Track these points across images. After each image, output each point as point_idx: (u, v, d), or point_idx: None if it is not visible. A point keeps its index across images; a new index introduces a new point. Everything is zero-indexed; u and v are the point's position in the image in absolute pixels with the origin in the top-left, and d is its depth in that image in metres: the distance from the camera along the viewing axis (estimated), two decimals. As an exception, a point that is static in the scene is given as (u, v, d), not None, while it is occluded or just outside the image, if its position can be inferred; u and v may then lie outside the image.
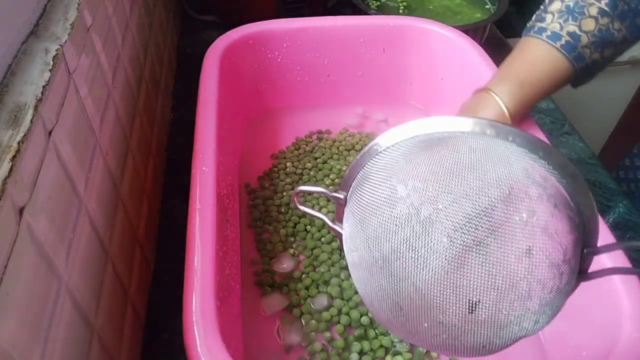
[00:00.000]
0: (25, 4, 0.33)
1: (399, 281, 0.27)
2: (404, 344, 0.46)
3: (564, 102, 0.80)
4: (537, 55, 0.48)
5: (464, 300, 0.27)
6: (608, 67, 0.51)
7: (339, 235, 0.34)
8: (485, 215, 0.26)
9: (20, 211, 0.26)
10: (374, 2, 0.83)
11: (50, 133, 0.30)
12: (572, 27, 0.46)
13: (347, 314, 0.47)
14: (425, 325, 0.28)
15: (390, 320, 0.30)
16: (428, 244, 0.27)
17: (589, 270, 0.30)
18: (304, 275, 0.50)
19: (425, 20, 0.65)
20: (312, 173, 0.61)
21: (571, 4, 0.47)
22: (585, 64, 0.47)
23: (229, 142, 0.57)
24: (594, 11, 0.46)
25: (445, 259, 0.26)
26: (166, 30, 0.76)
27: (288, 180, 0.59)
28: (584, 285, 0.41)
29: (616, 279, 0.38)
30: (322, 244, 0.53)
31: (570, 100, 0.95)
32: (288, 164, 0.61)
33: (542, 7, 0.50)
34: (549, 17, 0.48)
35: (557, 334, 0.44)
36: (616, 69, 1.14)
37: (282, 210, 0.56)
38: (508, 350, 0.46)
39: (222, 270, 0.40)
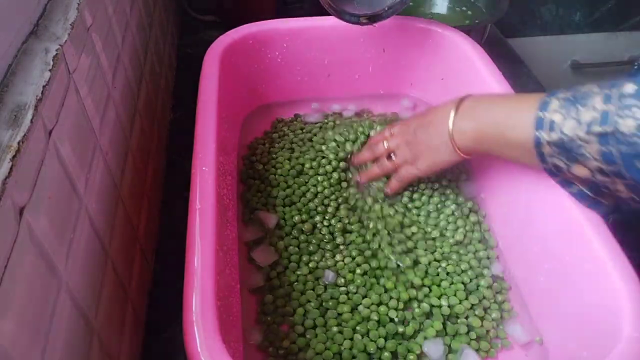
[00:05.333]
0: (25, 4, 0.33)
1: None
2: None
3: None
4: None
5: None
6: (609, 67, 0.50)
7: None
8: None
9: (20, 211, 0.26)
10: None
11: (50, 133, 0.30)
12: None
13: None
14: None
15: None
16: None
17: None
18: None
19: (425, 20, 0.65)
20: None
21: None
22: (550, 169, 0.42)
23: (229, 142, 0.57)
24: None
25: None
26: (166, 30, 0.76)
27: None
28: (584, 285, 0.41)
29: (616, 279, 0.38)
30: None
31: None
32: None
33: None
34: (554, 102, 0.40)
35: (558, 334, 0.44)
36: (616, 69, 1.15)
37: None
38: (509, 351, 0.46)
39: (222, 270, 0.40)
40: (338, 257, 0.51)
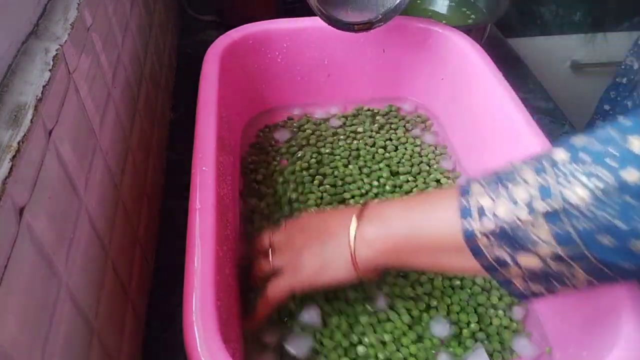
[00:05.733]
0: (25, 3, 0.33)
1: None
2: None
3: (564, 102, 0.80)
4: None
5: None
6: (609, 67, 0.50)
7: None
8: None
9: (20, 211, 0.26)
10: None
11: (50, 133, 0.30)
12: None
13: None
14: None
15: None
16: None
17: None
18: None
19: (425, 20, 0.65)
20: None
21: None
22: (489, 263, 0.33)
23: (229, 142, 0.57)
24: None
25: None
26: (166, 30, 0.76)
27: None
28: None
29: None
30: None
31: (570, 100, 0.95)
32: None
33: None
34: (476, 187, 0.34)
35: (558, 334, 0.44)
36: (616, 69, 1.15)
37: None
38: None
39: (222, 270, 0.40)
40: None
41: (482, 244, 0.32)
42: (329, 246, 0.39)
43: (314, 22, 0.64)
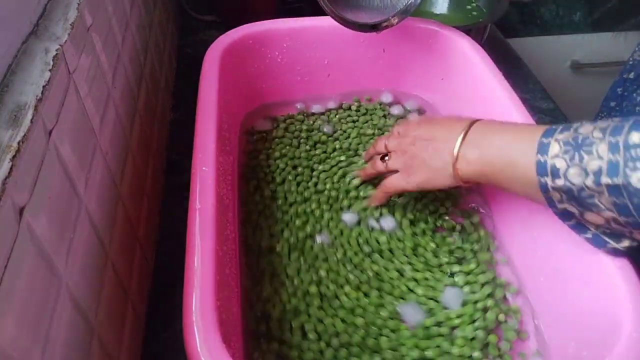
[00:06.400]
0: (25, 3, 0.33)
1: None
2: None
3: (564, 102, 0.80)
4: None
5: None
6: (609, 67, 0.50)
7: None
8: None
9: (20, 211, 0.26)
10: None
11: (50, 133, 0.30)
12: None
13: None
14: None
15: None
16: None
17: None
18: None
19: (425, 20, 0.65)
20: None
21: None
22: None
23: (229, 142, 0.57)
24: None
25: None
26: (166, 30, 0.76)
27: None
28: (584, 284, 0.41)
29: (617, 279, 0.38)
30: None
31: (570, 100, 0.95)
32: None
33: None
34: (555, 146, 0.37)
35: (558, 334, 0.44)
36: (617, 70, 1.15)
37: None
38: (510, 351, 0.46)
39: (222, 270, 0.40)
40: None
41: (555, 198, 0.38)
42: (437, 161, 0.46)
43: (314, 22, 0.64)
